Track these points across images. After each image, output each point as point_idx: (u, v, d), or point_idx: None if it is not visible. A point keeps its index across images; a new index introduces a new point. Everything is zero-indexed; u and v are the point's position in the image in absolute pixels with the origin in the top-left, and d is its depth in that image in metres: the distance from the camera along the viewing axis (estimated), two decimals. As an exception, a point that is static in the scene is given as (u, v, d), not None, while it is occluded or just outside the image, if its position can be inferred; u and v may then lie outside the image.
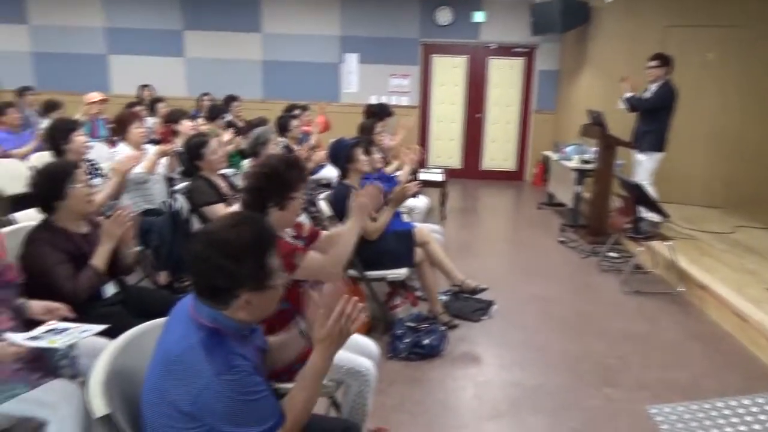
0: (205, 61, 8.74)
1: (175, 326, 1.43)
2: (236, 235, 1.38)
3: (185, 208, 3.50)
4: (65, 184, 2.36)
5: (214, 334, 1.38)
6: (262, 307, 1.43)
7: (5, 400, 1.79)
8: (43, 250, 2.28)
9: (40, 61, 8.89)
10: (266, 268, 1.40)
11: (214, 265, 1.35)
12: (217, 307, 1.40)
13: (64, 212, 2.40)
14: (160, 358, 1.39)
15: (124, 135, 4.06)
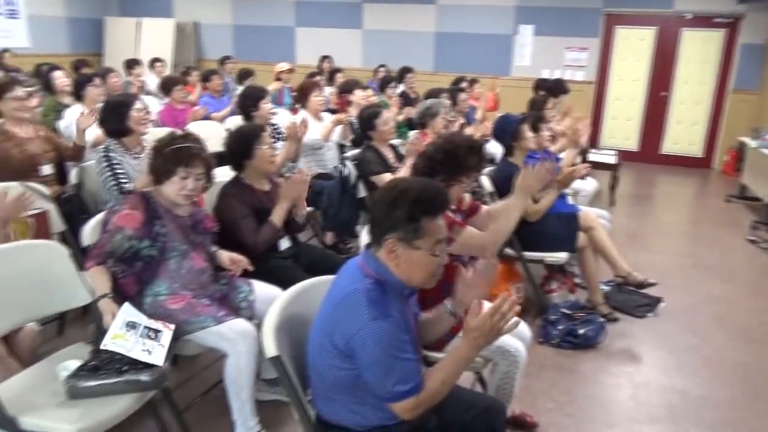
0: (380, 33, 9.01)
1: (344, 276, 1.57)
2: (406, 186, 1.51)
3: (353, 174, 3.71)
4: (253, 145, 2.64)
5: (378, 284, 1.48)
6: (408, 264, 1.49)
7: (196, 330, 2.08)
8: (232, 204, 2.57)
9: (238, 33, 9.84)
10: (418, 225, 1.46)
11: (377, 203, 1.53)
12: (373, 248, 1.53)
13: (251, 171, 2.68)
14: (327, 302, 1.54)
15: (305, 103, 4.38)
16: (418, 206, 1.47)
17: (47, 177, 3.21)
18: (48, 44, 9.13)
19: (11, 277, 1.92)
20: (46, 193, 2.75)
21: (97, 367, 1.77)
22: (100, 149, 3.00)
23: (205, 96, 5.88)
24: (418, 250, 1.48)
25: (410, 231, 1.47)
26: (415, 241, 1.47)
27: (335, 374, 1.49)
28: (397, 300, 1.51)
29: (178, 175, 2.15)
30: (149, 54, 8.18)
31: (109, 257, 2.05)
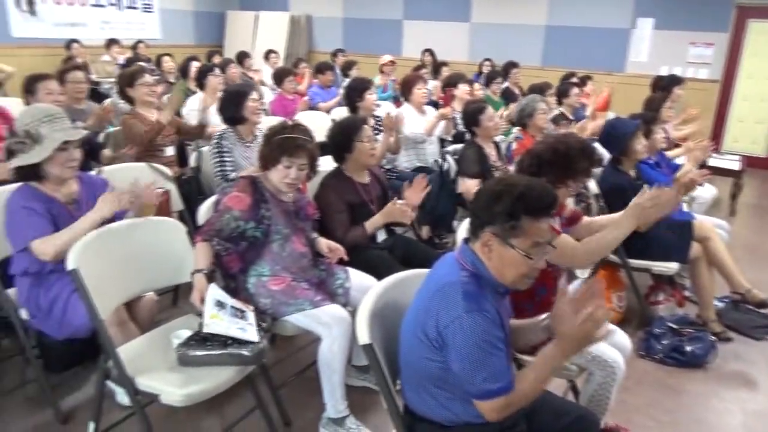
0: (488, 26, 8.85)
1: (440, 268, 1.58)
2: (513, 181, 1.49)
3: (453, 169, 3.70)
4: (353, 138, 2.70)
5: (474, 278, 1.48)
6: (500, 260, 1.47)
7: (294, 312, 2.18)
8: (330, 196, 2.65)
9: (348, 26, 10.08)
10: (517, 223, 1.43)
11: (481, 194, 1.52)
12: (471, 239, 1.52)
13: (351, 163, 2.75)
14: (422, 293, 1.55)
15: (408, 96, 4.41)
16: (520, 203, 1.44)
17: (169, 158, 3.51)
18: (176, 36, 9.88)
19: (137, 249, 2.11)
20: (169, 174, 2.99)
21: (205, 338, 1.91)
22: (215, 135, 3.21)
23: (314, 87, 6.10)
24: (512, 248, 1.45)
25: (507, 228, 1.44)
26: (511, 239, 1.45)
27: (426, 366, 1.49)
28: (492, 296, 1.49)
29: (282, 164, 2.25)
30: (265, 46, 8.60)
31: (216, 235, 2.17)
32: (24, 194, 2.12)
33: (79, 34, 8.09)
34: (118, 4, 9.07)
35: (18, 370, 2.60)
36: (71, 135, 2.13)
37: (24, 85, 3.42)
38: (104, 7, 8.89)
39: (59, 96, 3.38)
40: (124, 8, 9.17)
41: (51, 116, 2.11)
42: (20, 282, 2.18)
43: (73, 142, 2.13)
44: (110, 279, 1.98)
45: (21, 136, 2.06)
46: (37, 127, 2.06)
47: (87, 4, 8.64)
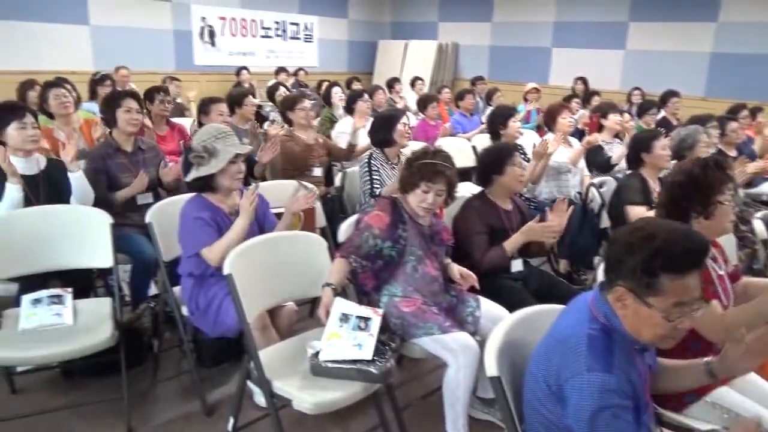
0: (644, 54, 8.36)
1: (572, 312, 1.48)
2: (652, 231, 1.31)
3: (598, 202, 3.52)
4: (505, 162, 2.70)
5: (605, 332, 1.36)
6: (635, 318, 1.32)
7: (423, 336, 2.20)
8: (472, 217, 2.66)
9: (494, 53, 10.09)
10: (655, 280, 1.28)
11: (615, 242, 1.38)
12: (605, 288, 1.38)
13: (498, 187, 2.75)
14: (549, 336, 1.47)
15: (552, 125, 4.30)
16: (657, 259, 1.27)
17: (317, 178, 3.77)
18: (331, 63, 10.58)
19: (282, 260, 2.28)
20: (316, 192, 3.20)
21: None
22: (365, 156, 3.39)
23: (457, 114, 6.17)
24: (648, 307, 1.29)
25: (643, 284, 1.29)
26: (648, 298, 1.29)
27: (546, 414, 1.41)
28: (625, 353, 1.35)
29: (421, 189, 2.31)
30: (412, 73, 8.89)
31: (355, 252, 2.27)
32: (196, 204, 2.39)
33: (249, 62, 9.00)
34: (283, 35, 9.94)
35: (175, 361, 2.90)
36: (241, 149, 2.39)
37: (199, 106, 3.91)
38: (271, 38, 9.80)
39: (227, 117, 3.81)
40: (288, 39, 10.03)
41: (224, 133, 2.38)
42: (185, 282, 2.45)
43: (240, 156, 2.38)
44: (258, 286, 2.16)
45: (199, 150, 2.33)
46: (213, 143, 2.33)
47: (257, 36, 9.59)
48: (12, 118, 2.65)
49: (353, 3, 10.86)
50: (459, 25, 10.40)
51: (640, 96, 7.10)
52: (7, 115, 2.67)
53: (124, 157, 3.12)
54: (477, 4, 10.05)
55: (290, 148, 3.77)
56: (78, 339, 2.22)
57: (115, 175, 3.06)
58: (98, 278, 3.08)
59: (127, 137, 3.14)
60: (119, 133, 3.13)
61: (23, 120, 2.66)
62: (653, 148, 3.22)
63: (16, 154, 2.69)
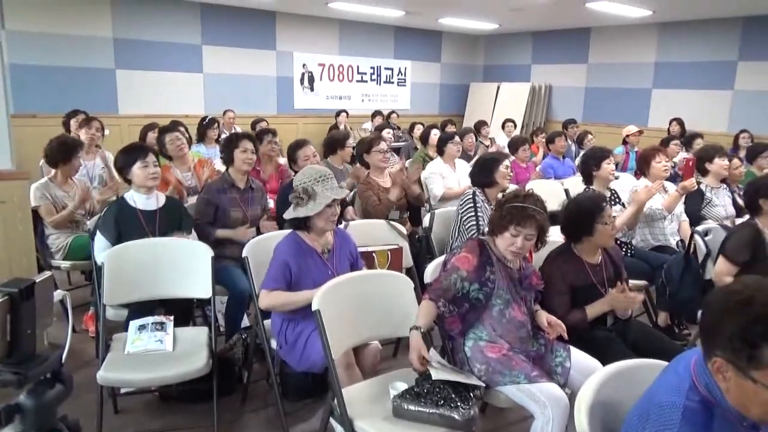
0: (755, 94, 7.84)
1: (672, 375, 1.34)
2: (751, 293, 1.17)
3: (702, 251, 3.30)
4: (594, 221, 2.55)
5: (704, 406, 1.22)
6: (739, 393, 1.17)
7: (508, 384, 2.13)
8: (554, 275, 2.54)
9: (589, 95, 9.86)
10: (757, 352, 1.12)
11: (709, 304, 1.23)
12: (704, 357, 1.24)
13: (586, 244, 2.60)
14: (645, 399, 1.36)
15: (646, 169, 4.08)
16: (758, 326, 1.12)
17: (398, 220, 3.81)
18: (423, 106, 10.80)
19: (369, 299, 2.31)
20: (403, 232, 3.24)
21: (419, 394, 1.99)
22: (468, 193, 3.41)
23: (549, 157, 6.06)
24: (754, 383, 1.13)
25: (744, 356, 1.14)
26: (751, 371, 1.13)
27: None
28: (725, 429, 1.21)
29: (510, 232, 2.27)
30: (503, 115, 8.89)
31: (443, 295, 2.26)
32: (290, 244, 2.48)
33: (344, 106, 9.41)
34: (377, 80, 10.31)
35: (262, 393, 2.99)
36: (338, 194, 2.48)
37: (288, 152, 4.01)
38: (366, 82, 10.19)
39: (314, 159, 3.89)
40: (383, 83, 10.38)
41: (324, 176, 2.47)
42: (275, 316, 2.55)
43: (338, 200, 2.47)
44: (344, 323, 2.20)
45: (299, 192, 2.44)
46: (312, 185, 2.43)
47: (353, 81, 10.02)
48: (136, 157, 2.93)
49: (446, 47, 11.08)
50: (553, 67, 10.29)
51: (749, 138, 6.64)
52: (132, 155, 2.96)
53: (237, 192, 3.36)
54: (572, 46, 9.92)
55: (368, 199, 3.77)
56: (176, 365, 2.36)
57: (226, 209, 3.28)
58: (197, 308, 3.27)
59: (241, 175, 3.39)
60: (235, 171, 3.39)
61: (146, 159, 2.95)
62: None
63: (139, 191, 2.97)
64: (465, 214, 3.30)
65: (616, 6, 7.26)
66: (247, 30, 8.65)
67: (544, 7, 7.58)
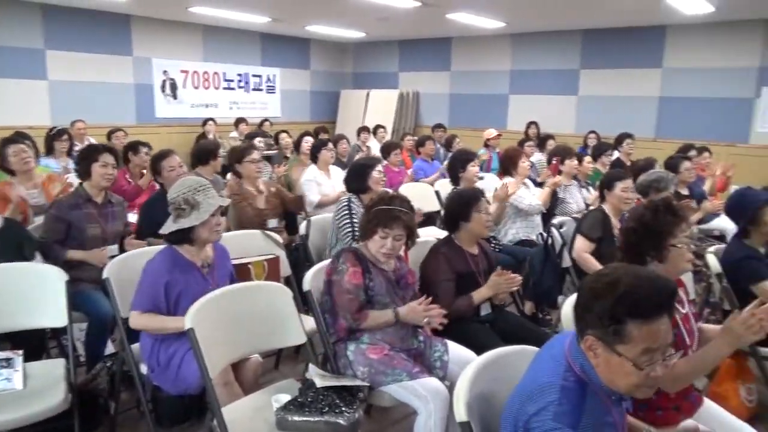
0: (596, 99, 8.73)
1: (549, 358, 1.43)
2: (616, 277, 1.30)
3: (558, 242, 3.59)
4: (471, 209, 2.73)
5: (579, 385, 1.33)
6: (607, 368, 1.31)
7: (391, 383, 2.17)
8: (440, 264, 2.67)
9: (453, 101, 10.38)
10: (621, 327, 1.26)
11: (582, 290, 1.37)
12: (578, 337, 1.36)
13: (464, 233, 2.77)
14: (525, 381, 1.44)
15: (513, 170, 4.39)
16: (622, 305, 1.25)
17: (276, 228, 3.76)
18: (294, 113, 10.71)
19: (246, 312, 2.23)
20: (280, 241, 3.18)
21: (303, 404, 1.95)
22: (343, 200, 3.41)
23: (419, 160, 6.28)
24: (618, 356, 1.27)
25: (610, 332, 1.27)
26: (616, 346, 1.27)
27: None
28: (600, 407, 1.33)
29: (378, 235, 2.33)
30: (374, 121, 9.05)
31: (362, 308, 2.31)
32: (166, 261, 2.31)
33: (211, 114, 9.03)
34: (245, 87, 10.05)
35: (133, 422, 2.77)
36: (222, 201, 2.38)
37: (150, 164, 3.74)
38: (234, 90, 9.89)
39: (180, 169, 3.64)
40: (251, 90, 10.14)
41: (203, 186, 2.35)
42: (145, 337, 2.37)
43: (219, 209, 2.36)
44: (221, 340, 2.10)
45: (180, 203, 2.29)
46: (193, 195, 2.29)
47: (220, 88, 9.67)
48: None
49: (315, 55, 11.09)
50: (419, 74, 10.70)
51: (595, 138, 7.37)
52: None
53: (94, 207, 3.09)
54: (436, 55, 10.39)
55: (242, 209, 3.74)
56: (28, 405, 2.10)
57: (81, 225, 3.00)
58: (51, 338, 2.96)
59: (99, 190, 3.11)
60: (91, 186, 3.10)
61: None
62: (614, 187, 3.37)
63: (-30, 212, 2.61)
64: (341, 221, 3.31)
65: (473, 18, 7.71)
66: (99, 34, 8.01)
67: (408, 17, 7.86)
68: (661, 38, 8.05)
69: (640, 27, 8.11)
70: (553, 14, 7.54)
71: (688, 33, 7.82)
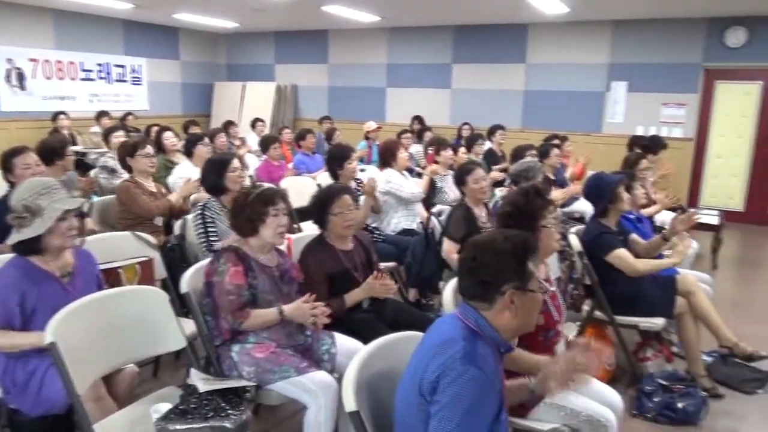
0: (468, 92, 9.16)
1: (440, 328, 1.56)
2: (503, 238, 1.53)
3: (438, 230, 3.73)
4: (327, 210, 2.67)
5: (475, 335, 1.47)
6: (524, 311, 1.49)
7: (279, 380, 2.13)
8: (311, 265, 2.62)
9: (333, 94, 10.38)
10: (527, 269, 1.49)
11: (482, 262, 1.50)
12: (483, 306, 1.50)
13: (331, 232, 2.73)
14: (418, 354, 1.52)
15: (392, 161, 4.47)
16: (521, 252, 1.50)
17: (158, 228, 3.55)
18: (163, 107, 10.10)
19: (118, 320, 2.07)
20: (152, 242, 2.98)
21: (185, 411, 1.86)
22: (198, 206, 3.22)
23: (299, 154, 6.21)
24: (532, 292, 1.50)
25: (523, 276, 1.49)
26: (528, 284, 1.49)
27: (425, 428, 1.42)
28: (492, 358, 1.46)
29: (270, 214, 2.29)
30: (252, 114, 8.80)
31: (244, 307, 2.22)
32: (13, 271, 2.07)
33: (68, 107, 8.27)
34: (107, 78, 9.30)
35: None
36: (71, 204, 2.12)
37: (1, 162, 3.35)
38: (94, 81, 9.11)
39: (37, 168, 3.32)
40: (114, 81, 9.41)
41: (48, 188, 2.10)
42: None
43: (71, 211, 2.12)
44: (89, 352, 1.94)
45: (20, 210, 2.04)
46: (35, 200, 2.05)
47: (77, 79, 8.86)
48: None
49: (186, 45, 10.54)
50: (296, 67, 10.56)
51: (470, 130, 7.74)
52: None
53: None
54: (313, 47, 10.31)
55: (137, 195, 3.53)
56: None
57: None
58: None
59: None
60: None
61: None
62: (466, 182, 3.56)
63: None
64: (196, 230, 3.12)
65: (348, 11, 7.74)
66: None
67: (283, 9, 7.71)
68: (524, 36, 8.63)
69: (505, 24, 8.62)
70: (425, 10, 7.79)
71: (547, 31, 8.44)
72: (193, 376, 2.03)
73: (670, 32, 7.67)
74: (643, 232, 3.58)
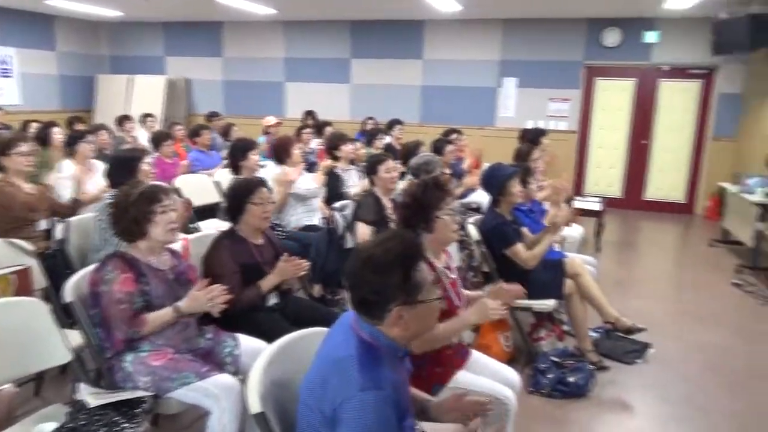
0: (368, 87, 9.22)
1: (337, 334, 1.51)
2: (383, 251, 1.43)
3: (341, 225, 3.73)
4: (246, 201, 2.64)
5: (371, 349, 1.42)
6: (416, 322, 1.44)
7: (178, 387, 2.04)
8: (222, 257, 2.56)
9: (228, 88, 10.04)
10: (413, 281, 1.41)
11: (364, 280, 1.42)
12: (373, 321, 1.44)
13: (244, 225, 2.69)
14: (319, 361, 1.48)
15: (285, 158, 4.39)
16: (405, 263, 1.41)
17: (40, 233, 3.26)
18: (39, 101, 9.26)
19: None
20: (28, 249, 2.74)
21: (74, 429, 1.73)
22: (108, 197, 3.01)
23: (194, 151, 5.95)
24: (423, 303, 1.43)
25: (410, 290, 1.40)
26: (417, 296, 1.41)
27: None
28: (390, 364, 1.44)
29: (158, 212, 2.17)
30: (141, 109, 8.30)
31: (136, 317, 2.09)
32: None
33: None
34: (-29, 69, 8.41)
35: None
36: None
37: None
38: (-46, 72, 8.20)
39: None
40: (-21, 73, 8.52)
41: None
42: None
43: None
44: (-43, 372, 1.75)
45: None
46: None
47: (-67, 70, 7.93)
48: None
49: (62, 34, 9.73)
50: (189, 60, 10.10)
51: (373, 124, 7.79)
52: None
53: None
54: (206, 39, 9.90)
55: (12, 196, 3.22)
56: None
57: None
58: None
59: None
60: None
61: None
62: (377, 171, 3.61)
63: None
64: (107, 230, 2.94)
65: (241, 2, 7.50)
66: None
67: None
68: (420, 32, 8.82)
69: (402, 21, 8.77)
70: (321, 4, 7.73)
71: (443, 29, 8.69)
72: (81, 390, 1.89)
73: (555, 31, 8.18)
74: (535, 221, 3.79)
